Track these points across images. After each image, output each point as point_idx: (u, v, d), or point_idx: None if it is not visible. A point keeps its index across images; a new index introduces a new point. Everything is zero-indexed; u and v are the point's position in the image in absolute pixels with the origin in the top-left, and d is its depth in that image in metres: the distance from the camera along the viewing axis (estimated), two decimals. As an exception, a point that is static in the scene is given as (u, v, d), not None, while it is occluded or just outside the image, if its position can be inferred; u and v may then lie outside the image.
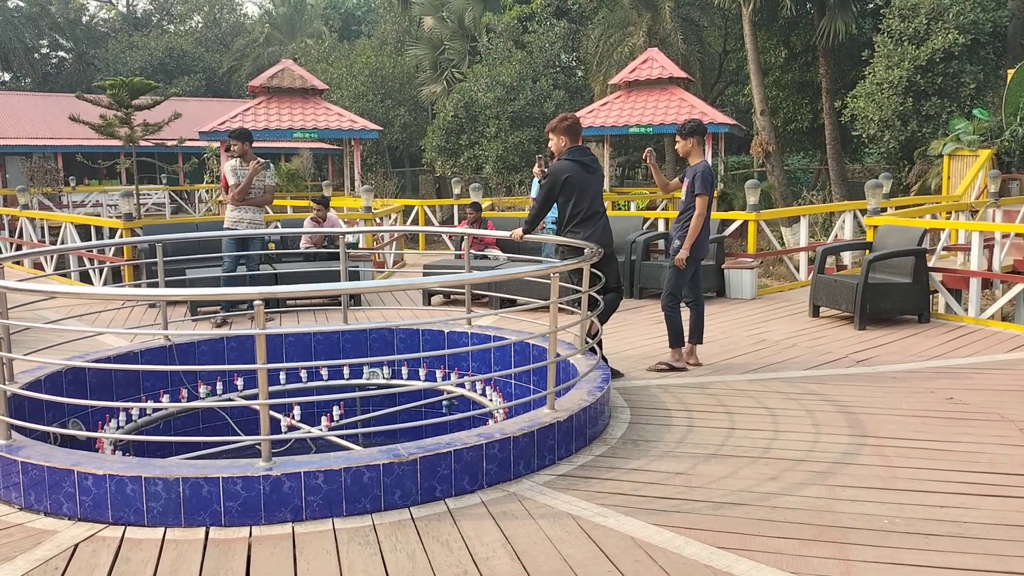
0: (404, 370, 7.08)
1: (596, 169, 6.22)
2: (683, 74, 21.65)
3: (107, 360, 6.07)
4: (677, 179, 6.93)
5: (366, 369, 7.05)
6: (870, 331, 7.98)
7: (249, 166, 8.76)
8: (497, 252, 10.28)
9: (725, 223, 11.00)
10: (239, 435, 6.28)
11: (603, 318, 6.35)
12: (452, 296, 9.92)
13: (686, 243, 6.52)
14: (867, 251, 9.04)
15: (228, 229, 8.68)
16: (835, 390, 5.97)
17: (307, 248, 10.61)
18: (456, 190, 17.77)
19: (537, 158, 8.29)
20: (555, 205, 6.35)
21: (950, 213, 12.40)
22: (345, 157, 24.22)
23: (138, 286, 8.98)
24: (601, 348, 6.09)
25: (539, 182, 8.35)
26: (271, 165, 9.15)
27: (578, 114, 6.59)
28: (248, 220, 8.82)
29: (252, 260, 8.91)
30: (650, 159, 6.71)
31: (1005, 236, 10.50)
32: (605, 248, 6.02)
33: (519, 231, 6.50)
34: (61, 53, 45.88)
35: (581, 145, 6.26)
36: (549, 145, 6.44)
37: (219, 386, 6.68)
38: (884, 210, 11.07)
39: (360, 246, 12.40)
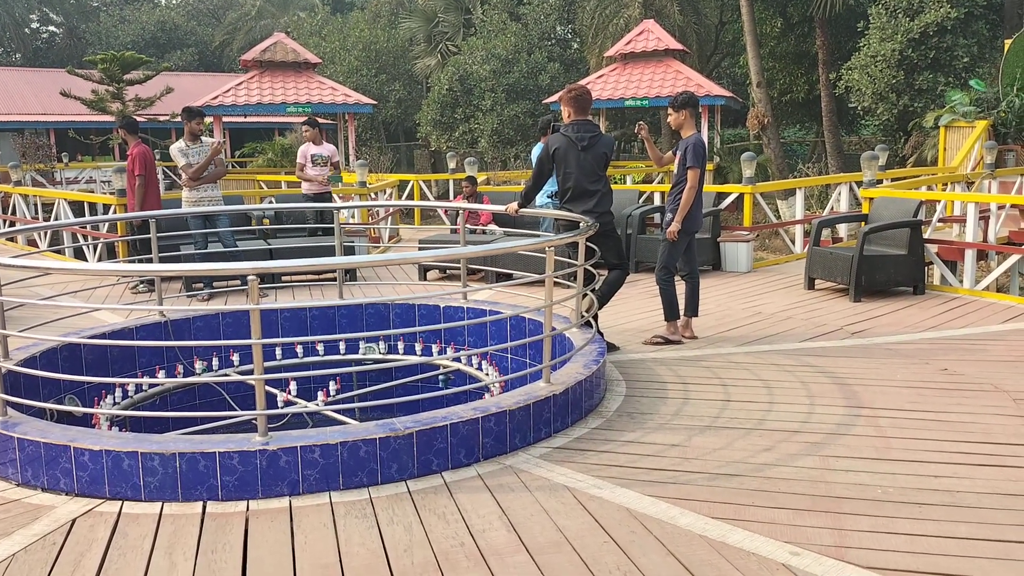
0: (400, 345, 7.09)
1: (590, 146, 6.05)
2: (679, 46, 21.49)
3: (102, 336, 6.06)
4: (671, 152, 6.89)
5: (362, 344, 7.06)
6: (865, 303, 7.99)
7: (207, 146, 8.79)
8: (493, 227, 10.26)
9: (721, 196, 10.97)
10: (235, 410, 6.29)
11: (606, 296, 6.34)
12: (448, 271, 9.91)
13: (677, 216, 6.50)
14: (863, 223, 9.03)
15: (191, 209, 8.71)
16: (830, 362, 6.00)
17: (309, 192, 10.50)
18: (451, 164, 17.68)
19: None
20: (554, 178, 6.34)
21: (946, 185, 12.38)
22: (339, 132, 24.07)
23: (132, 262, 8.97)
24: (597, 322, 6.09)
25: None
26: (224, 141, 9.20)
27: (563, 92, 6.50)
28: (208, 199, 8.84)
29: (225, 237, 8.90)
30: (643, 133, 6.67)
31: (1000, 207, 10.50)
32: (602, 226, 5.99)
33: (514, 205, 6.48)
34: (51, 27, 45.32)
35: (583, 119, 6.16)
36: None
37: (215, 361, 6.68)
38: (880, 182, 11.05)
39: (355, 221, 12.35)
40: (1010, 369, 5.77)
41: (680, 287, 6.75)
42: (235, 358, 6.75)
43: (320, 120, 31.20)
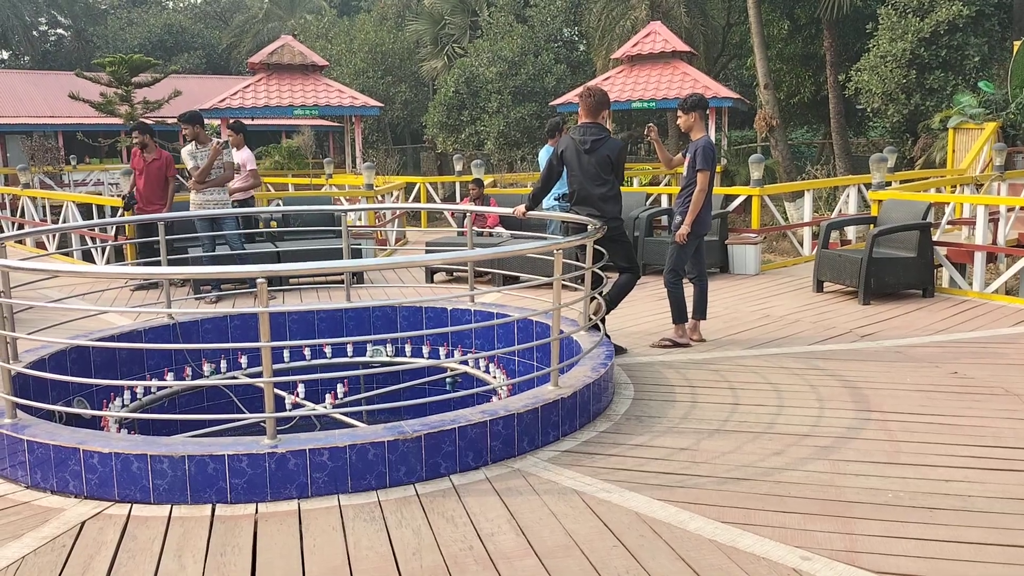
0: (407, 348, 7.09)
1: (592, 149, 6.01)
2: (686, 48, 21.46)
3: (111, 339, 6.07)
4: (680, 154, 6.88)
5: (369, 347, 7.06)
6: (874, 306, 7.96)
7: (209, 148, 8.83)
8: (501, 230, 10.25)
9: (729, 198, 10.96)
10: (244, 413, 6.29)
11: (615, 300, 6.32)
12: (455, 273, 9.90)
13: (687, 219, 6.49)
14: (871, 225, 9.00)
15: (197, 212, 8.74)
16: (839, 365, 5.97)
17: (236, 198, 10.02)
18: (458, 167, 17.70)
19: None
20: (562, 180, 6.34)
21: (955, 187, 12.33)
22: (346, 134, 24.12)
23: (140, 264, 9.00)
24: (604, 324, 6.08)
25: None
26: (228, 143, 9.18)
27: (580, 90, 6.50)
28: (214, 202, 8.89)
29: (232, 239, 8.93)
30: (652, 135, 6.66)
31: (1010, 209, 10.44)
32: (610, 231, 5.98)
33: (521, 208, 6.47)
34: (60, 30, 45.53)
35: (591, 122, 6.13)
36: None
37: (223, 364, 6.69)
38: (888, 184, 11.01)
39: (362, 223, 12.37)
40: (1020, 372, 5.73)
41: (688, 290, 6.73)
42: (243, 360, 6.75)
43: (327, 123, 31.36)
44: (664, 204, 12.68)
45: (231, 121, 10.57)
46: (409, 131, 35.57)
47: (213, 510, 3.82)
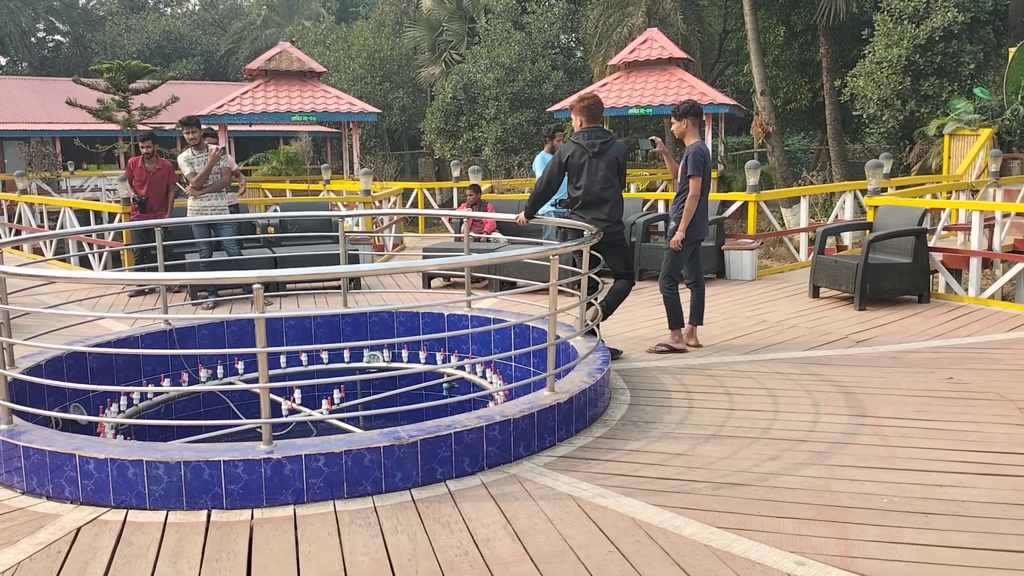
0: (404, 353, 7.09)
1: (601, 152, 6.03)
2: (683, 54, 21.50)
3: (107, 344, 6.08)
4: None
5: (366, 352, 7.06)
6: (870, 311, 7.98)
7: (206, 154, 8.84)
8: (498, 235, 10.26)
9: (725, 204, 10.98)
10: (240, 418, 6.29)
11: (611, 306, 6.33)
12: (452, 279, 9.92)
13: (681, 225, 6.50)
14: (867, 231, 9.03)
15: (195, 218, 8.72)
16: (835, 370, 5.98)
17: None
18: (455, 172, 17.73)
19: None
20: (561, 186, 6.35)
21: (951, 193, 12.37)
22: (344, 140, 24.13)
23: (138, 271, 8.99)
24: (599, 329, 6.09)
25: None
26: (226, 149, 9.20)
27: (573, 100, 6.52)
28: (212, 207, 8.89)
29: (230, 245, 8.93)
30: (659, 147, 6.70)
31: (1006, 216, 10.49)
32: (612, 236, 5.99)
33: (522, 215, 6.47)
34: (58, 37, 45.53)
35: (594, 127, 6.16)
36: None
37: (220, 370, 6.69)
38: (884, 190, 11.05)
39: (360, 229, 12.38)
40: (1015, 378, 5.75)
41: (685, 295, 6.74)
42: (239, 366, 6.75)
43: (324, 129, 31.40)
44: (661, 210, 12.71)
45: (207, 129, 10.58)
46: (407, 137, 35.61)
47: (209, 516, 3.82)
